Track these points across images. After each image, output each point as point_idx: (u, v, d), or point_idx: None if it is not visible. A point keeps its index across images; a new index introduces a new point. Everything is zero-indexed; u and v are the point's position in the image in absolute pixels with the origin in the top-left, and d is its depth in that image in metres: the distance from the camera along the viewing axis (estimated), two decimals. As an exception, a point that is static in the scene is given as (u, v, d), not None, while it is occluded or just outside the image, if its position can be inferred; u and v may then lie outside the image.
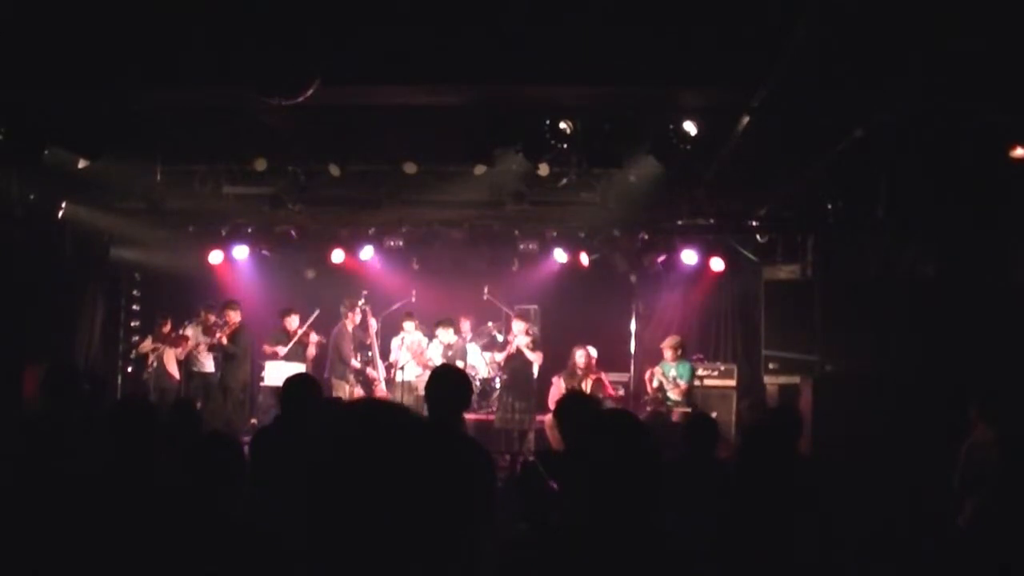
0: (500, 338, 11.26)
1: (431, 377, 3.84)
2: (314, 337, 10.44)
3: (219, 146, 8.50)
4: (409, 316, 10.64)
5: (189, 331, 10.29)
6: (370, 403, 1.49)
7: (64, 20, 5.38)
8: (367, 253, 10.79)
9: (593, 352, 9.91)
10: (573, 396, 4.73)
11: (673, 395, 9.64)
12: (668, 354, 9.82)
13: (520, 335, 9.78)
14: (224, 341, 10.18)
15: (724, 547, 2.96)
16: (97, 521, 2.87)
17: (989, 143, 6.45)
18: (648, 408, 9.73)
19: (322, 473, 1.36)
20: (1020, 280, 7.12)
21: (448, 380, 3.81)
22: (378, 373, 10.50)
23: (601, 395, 9.46)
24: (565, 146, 6.84)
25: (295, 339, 10.33)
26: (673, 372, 9.74)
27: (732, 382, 10.32)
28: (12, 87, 5.91)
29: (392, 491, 1.31)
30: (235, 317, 10.36)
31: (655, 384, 9.78)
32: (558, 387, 9.66)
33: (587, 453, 2.16)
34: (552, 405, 9.28)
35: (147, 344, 10.24)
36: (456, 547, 1.36)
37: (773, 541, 2.95)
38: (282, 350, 10.26)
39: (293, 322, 10.46)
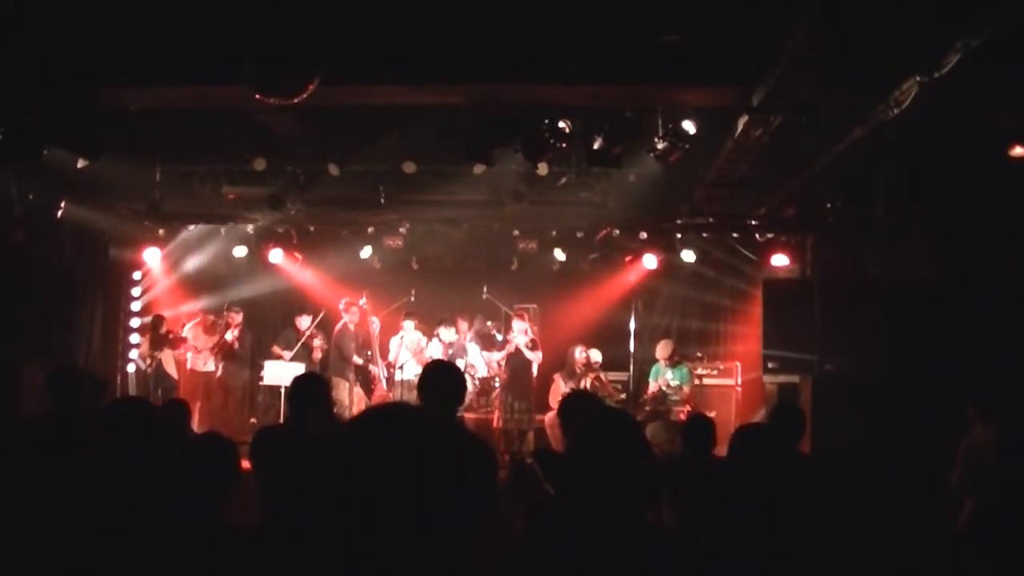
0: (500, 337, 11.27)
1: (423, 374, 3.78)
2: (317, 342, 10.43)
3: (219, 146, 8.50)
4: (409, 315, 10.65)
5: (188, 332, 10.30)
6: (386, 406, 1.50)
7: (64, 20, 5.38)
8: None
9: (596, 356, 9.93)
10: (578, 395, 4.73)
11: (674, 397, 9.67)
12: (662, 360, 9.84)
13: (519, 335, 9.78)
14: (236, 344, 10.22)
15: (721, 546, 2.96)
16: (95, 521, 2.87)
17: (989, 143, 6.45)
18: (647, 408, 9.74)
19: (343, 473, 1.37)
20: (1019, 280, 7.12)
21: (441, 376, 3.77)
22: (379, 371, 10.52)
23: (601, 394, 9.48)
24: (564, 145, 6.83)
25: (302, 340, 10.33)
26: (669, 375, 9.75)
27: (732, 381, 10.34)
28: (12, 87, 5.90)
29: (405, 487, 1.31)
30: (237, 318, 10.37)
31: (652, 390, 9.80)
32: (559, 385, 9.68)
33: (586, 452, 2.16)
34: (553, 403, 9.36)
35: (145, 348, 10.26)
36: (461, 544, 1.36)
37: (771, 540, 2.95)
38: (287, 354, 10.28)
39: (304, 322, 10.45)
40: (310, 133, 7.76)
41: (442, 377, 3.75)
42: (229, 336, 10.29)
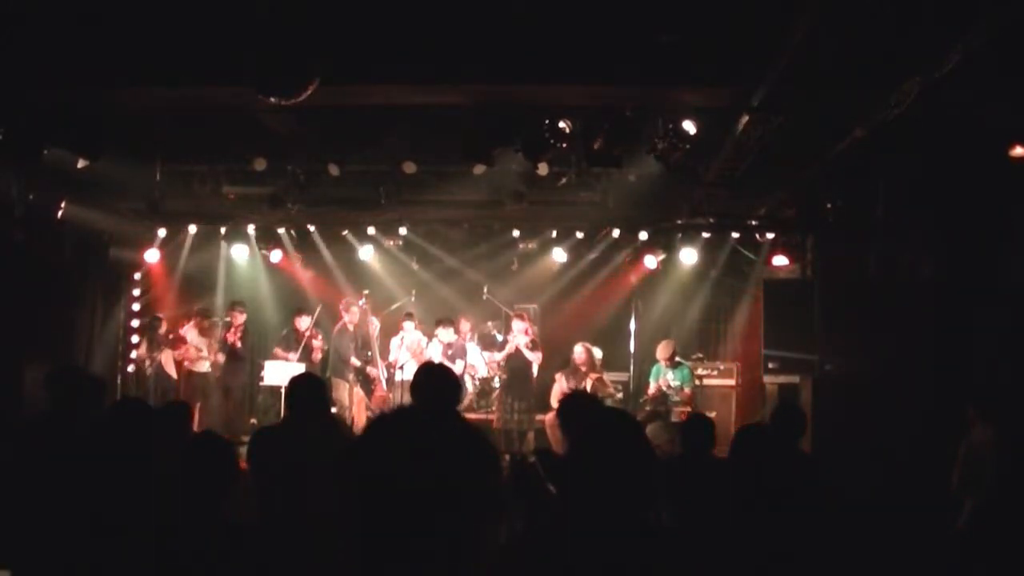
0: (500, 338, 11.27)
1: (415, 377, 3.75)
2: (316, 343, 10.42)
3: (219, 146, 8.50)
4: (409, 316, 10.65)
5: (186, 333, 10.29)
6: (390, 410, 1.51)
7: (64, 19, 5.38)
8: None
9: (598, 353, 9.91)
10: (578, 396, 4.72)
11: (675, 398, 9.67)
12: (663, 361, 9.82)
13: (519, 335, 9.78)
14: (238, 344, 10.21)
15: (721, 546, 2.96)
16: (96, 521, 2.87)
17: (989, 143, 6.45)
18: (647, 408, 9.74)
19: (345, 474, 1.38)
20: (1019, 280, 7.11)
21: (434, 378, 3.75)
22: (378, 372, 10.51)
23: (602, 394, 9.47)
24: (564, 146, 6.83)
25: (304, 342, 10.31)
26: (670, 376, 9.74)
27: (732, 382, 10.34)
28: (12, 87, 5.90)
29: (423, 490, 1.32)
30: (240, 318, 10.37)
31: (653, 390, 9.78)
32: (561, 383, 9.67)
33: (586, 452, 2.16)
34: (554, 402, 9.35)
35: (142, 351, 10.25)
36: (462, 545, 1.36)
37: (771, 540, 2.95)
38: (293, 356, 10.25)
39: (303, 323, 10.44)
40: (310, 133, 7.76)
41: (436, 378, 3.74)
42: (230, 336, 10.27)
